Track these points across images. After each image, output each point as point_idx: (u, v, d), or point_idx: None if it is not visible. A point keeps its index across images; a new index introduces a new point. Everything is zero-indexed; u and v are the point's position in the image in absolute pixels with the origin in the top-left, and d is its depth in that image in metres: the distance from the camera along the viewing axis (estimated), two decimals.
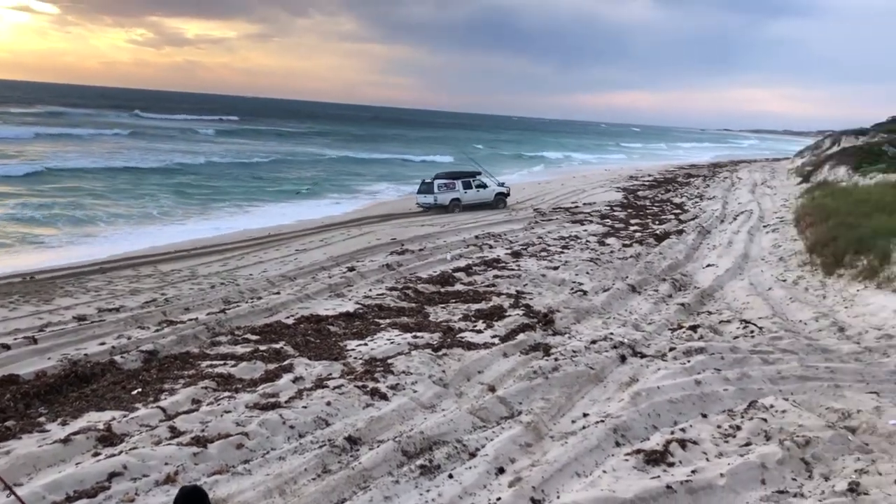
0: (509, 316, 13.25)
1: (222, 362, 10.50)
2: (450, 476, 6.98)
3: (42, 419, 8.41)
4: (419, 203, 31.56)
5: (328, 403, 8.67)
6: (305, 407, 8.54)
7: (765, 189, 39.89)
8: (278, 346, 11.26)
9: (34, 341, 10.90)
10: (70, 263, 17.77)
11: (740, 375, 9.66)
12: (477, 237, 22.62)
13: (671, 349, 11.05)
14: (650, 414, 8.40)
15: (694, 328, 12.63)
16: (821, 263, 16.71)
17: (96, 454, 7.29)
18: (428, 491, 6.78)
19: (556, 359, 10.29)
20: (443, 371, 10.08)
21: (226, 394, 9.17)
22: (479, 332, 12.26)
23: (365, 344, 11.48)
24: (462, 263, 18.36)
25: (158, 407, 8.63)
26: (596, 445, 7.53)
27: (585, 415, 8.69)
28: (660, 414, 8.45)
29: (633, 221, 27.38)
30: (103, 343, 11.05)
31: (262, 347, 11.21)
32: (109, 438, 7.66)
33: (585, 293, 15.21)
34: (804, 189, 34.21)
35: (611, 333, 11.79)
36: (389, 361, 10.32)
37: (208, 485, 6.61)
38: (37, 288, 14.79)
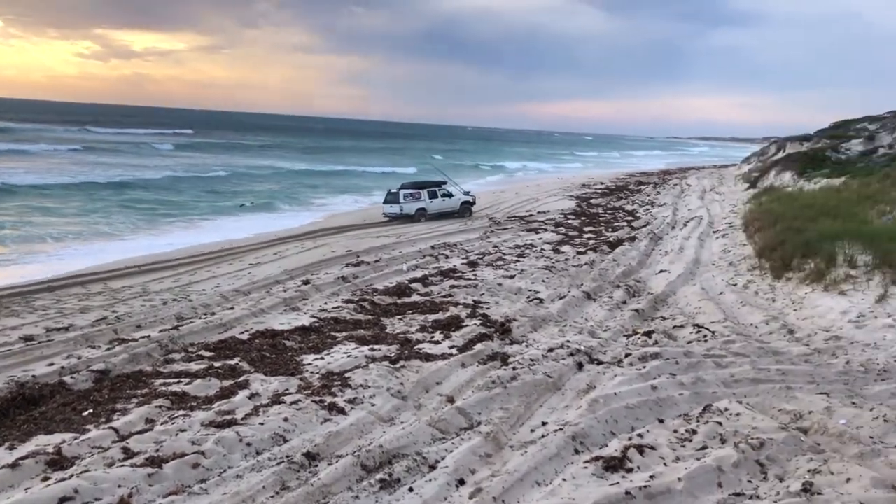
0: (466, 326, 13.25)
1: (176, 380, 10.31)
2: (410, 489, 6.93)
3: None
4: (385, 213, 31.54)
5: (285, 419, 8.55)
6: (262, 423, 8.42)
7: (713, 195, 40.66)
8: (233, 363, 11.10)
9: None
10: (16, 283, 17.29)
11: (695, 380, 9.78)
12: (433, 247, 22.63)
13: (627, 355, 11.15)
14: (608, 420, 8.46)
15: (649, 334, 12.78)
16: (769, 267, 17.05)
17: (46, 479, 7.08)
18: None
19: (514, 368, 10.30)
20: (401, 383, 10.03)
21: (180, 412, 8.99)
22: (437, 343, 12.23)
23: (321, 358, 11.38)
24: (418, 274, 18.34)
25: (111, 428, 8.42)
26: (555, 454, 7.55)
27: (544, 423, 8.71)
28: (617, 420, 8.51)
29: (587, 229, 27.67)
30: (52, 364, 10.77)
31: (217, 364, 11.03)
32: (60, 462, 7.44)
33: (542, 301, 15.30)
34: (751, 195, 34.92)
35: (567, 341, 11.86)
36: (347, 375, 10.23)
37: None
38: None
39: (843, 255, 15.42)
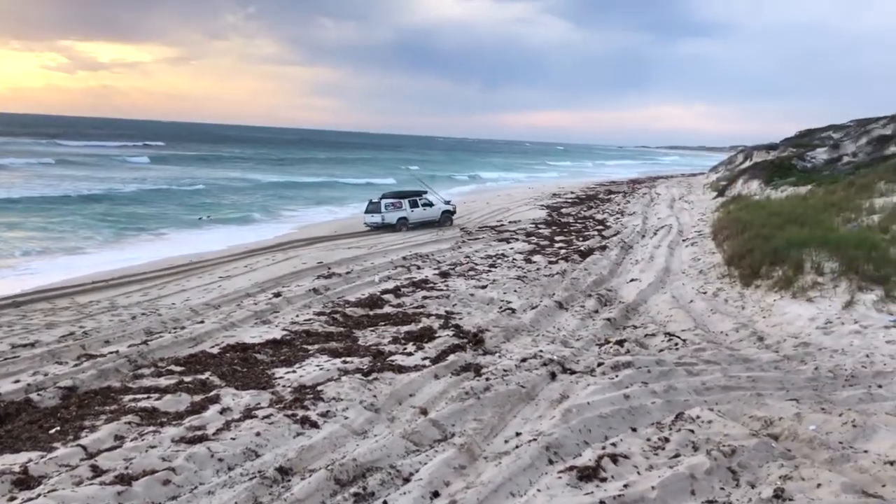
0: (439, 337, 13.23)
1: (146, 396, 10.17)
2: (384, 503, 6.89)
3: None
4: (367, 223, 31.67)
5: (257, 434, 8.47)
6: (234, 438, 8.32)
7: (683, 204, 41.09)
8: (204, 377, 10.97)
9: None
10: None
11: (667, 388, 9.84)
12: (404, 258, 22.60)
13: (599, 364, 11.19)
14: (581, 430, 8.47)
15: (621, 343, 12.84)
16: (739, 275, 17.24)
17: (12, 499, 6.92)
18: None
19: (488, 378, 10.30)
20: (374, 396, 9.98)
21: (150, 428, 8.87)
22: (410, 355, 12.19)
23: (293, 371, 11.29)
24: (390, 285, 18.29)
25: (79, 445, 8.28)
26: (529, 464, 7.54)
27: (518, 434, 8.71)
28: (591, 429, 8.53)
29: (558, 238, 27.80)
30: (17, 381, 10.56)
31: (187, 379, 10.89)
32: (26, 481, 7.29)
33: (514, 311, 15.32)
34: (720, 203, 35.35)
35: (540, 351, 11.88)
36: (319, 388, 10.16)
37: None
38: None
39: (811, 263, 15.64)
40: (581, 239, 27.69)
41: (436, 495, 7.05)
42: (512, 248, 24.83)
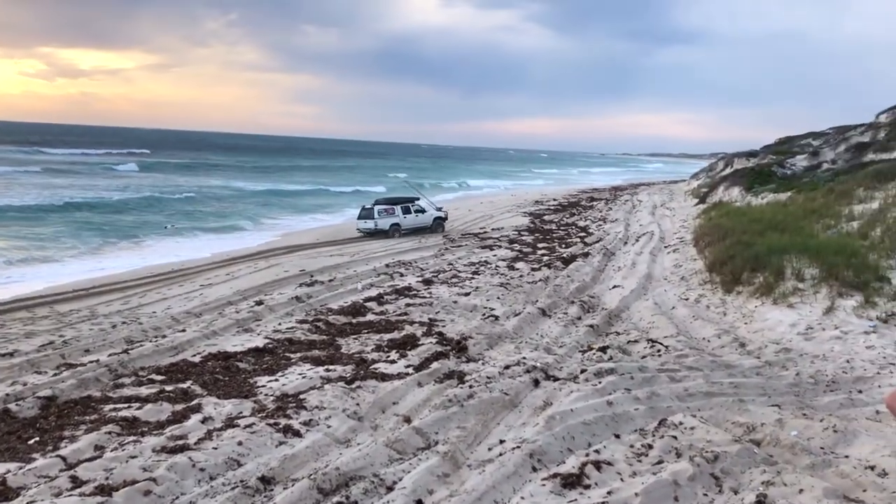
0: (422, 344, 13.19)
1: (126, 405, 10.06)
2: None
3: None
4: (359, 229, 31.86)
5: (239, 443, 8.39)
6: (216, 448, 8.24)
7: (664, 211, 41.31)
8: (185, 386, 10.87)
9: None
10: None
11: (650, 394, 9.85)
12: (387, 265, 22.55)
13: (583, 371, 11.20)
14: (565, 437, 8.46)
15: (603, 349, 12.87)
16: (720, 281, 17.33)
17: None
18: None
19: (471, 386, 10.28)
20: (357, 404, 9.93)
21: (131, 438, 8.77)
22: (393, 363, 12.14)
23: (276, 380, 11.22)
24: (373, 293, 18.24)
25: (58, 456, 8.16)
26: (513, 472, 7.52)
27: (502, 441, 8.68)
28: (574, 436, 8.52)
29: (541, 245, 27.86)
30: None
31: (169, 388, 10.79)
32: (4, 493, 7.19)
33: (497, 318, 15.31)
34: (701, 210, 35.56)
35: (523, 358, 11.88)
36: (302, 397, 10.10)
37: None
38: None
39: (791, 269, 15.75)
40: (564, 246, 27.76)
41: None
42: (495, 255, 24.85)
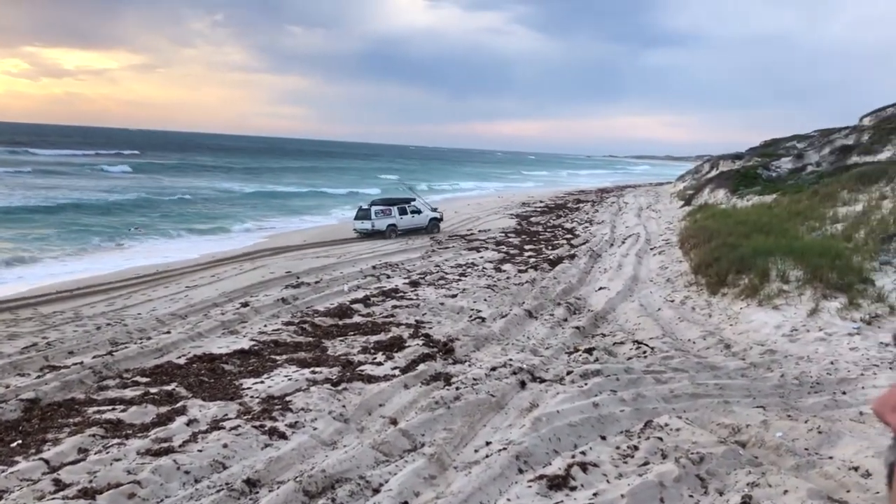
0: (409, 346, 13.17)
1: (111, 407, 9.98)
2: None
3: None
4: (356, 229, 31.97)
5: (225, 445, 8.35)
6: (201, 450, 8.19)
7: (650, 213, 41.45)
8: (170, 388, 10.80)
9: None
10: None
11: (635, 396, 9.88)
12: (374, 267, 22.50)
13: (569, 373, 11.21)
14: (551, 439, 8.46)
15: (590, 351, 12.88)
16: (706, 283, 17.39)
17: None
18: None
19: (458, 388, 10.27)
20: (343, 406, 9.90)
21: (115, 441, 8.70)
22: (380, 365, 12.12)
23: (261, 382, 11.16)
24: (360, 295, 18.19)
25: (41, 459, 8.09)
26: (499, 474, 7.51)
27: (488, 443, 8.68)
28: (560, 438, 8.52)
29: (528, 247, 27.88)
30: None
31: (153, 390, 10.72)
32: None
33: (484, 320, 15.31)
34: (687, 212, 35.72)
35: (510, 360, 11.87)
36: (287, 399, 10.06)
37: None
38: None
39: (776, 271, 15.82)
40: (550, 248, 27.79)
41: None
42: (482, 257, 24.85)
